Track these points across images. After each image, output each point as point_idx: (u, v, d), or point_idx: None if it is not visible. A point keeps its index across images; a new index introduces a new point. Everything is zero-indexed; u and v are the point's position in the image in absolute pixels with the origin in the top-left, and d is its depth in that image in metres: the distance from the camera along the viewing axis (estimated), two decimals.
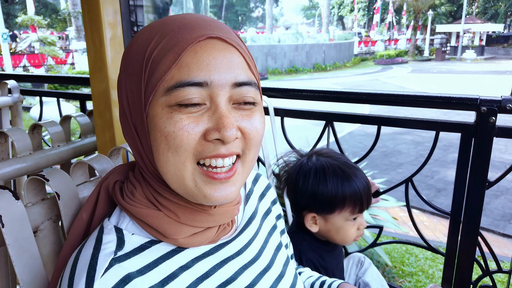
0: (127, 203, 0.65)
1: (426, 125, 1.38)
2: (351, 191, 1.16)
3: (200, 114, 0.58)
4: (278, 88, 1.60)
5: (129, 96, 0.62)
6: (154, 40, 0.60)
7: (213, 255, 0.68)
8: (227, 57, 0.60)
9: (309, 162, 1.23)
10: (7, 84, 2.06)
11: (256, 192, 0.87)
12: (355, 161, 1.60)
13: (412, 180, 1.49)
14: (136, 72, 0.61)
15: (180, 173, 0.59)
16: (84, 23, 1.05)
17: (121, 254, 0.60)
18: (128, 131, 0.65)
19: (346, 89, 1.50)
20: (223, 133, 0.57)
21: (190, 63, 0.57)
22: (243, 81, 0.61)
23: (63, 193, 0.75)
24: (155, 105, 0.58)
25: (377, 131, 1.49)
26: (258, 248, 0.77)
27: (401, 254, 3.72)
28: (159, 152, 0.59)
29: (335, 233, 1.21)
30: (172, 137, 0.57)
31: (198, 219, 0.65)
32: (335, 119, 1.53)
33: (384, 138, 8.17)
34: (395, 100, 1.42)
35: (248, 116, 0.62)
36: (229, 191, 0.61)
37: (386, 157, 6.93)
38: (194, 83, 0.57)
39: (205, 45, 0.59)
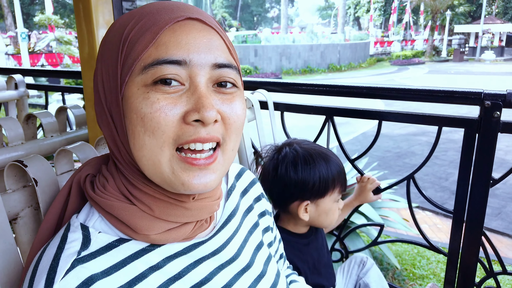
0: (97, 195, 0.61)
1: (428, 120, 1.34)
2: (338, 171, 1.18)
3: (179, 95, 0.55)
4: (277, 82, 1.57)
5: (104, 81, 0.60)
6: (132, 23, 0.58)
7: (187, 254, 0.65)
8: (206, 37, 0.58)
9: (291, 151, 1.22)
10: (14, 79, 2.09)
11: (239, 187, 0.84)
12: (355, 157, 1.57)
13: (413, 177, 1.44)
14: (112, 55, 0.58)
15: (157, 158, 0.55)
16: (77, 19, 1.05)
17: (85, 254, 0.57)
18: (103, 118, 0.62)
19: (347, 83, 1.47)
20: (202, 113, 0.54)
21: (168, 41, 0.55)
22: (223, 62, 0.58)
23: (41, 180, 0.74)
24: (131, 85, 0.56)
25: (378, 126, 1.45)
26: (237, 247, 0.73)
27: (412, 256, 3.65)
28: (135, 135, 0.56)
29: (325, 216, 1.22)
30: (148, 118, 0.54)
31: (173, 213, 0.61)
32: (336, 113, 1.50)
33: (398, 139, 8.06)
34: (397, 94, 1.38)
35: (229, 100, 0.59)
36: (209, 179, 0.57)
37: (399, 158, 6.82)
38: (172, 61, 0.55)
39: (184, 25, 0.57)
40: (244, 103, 0.64)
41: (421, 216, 4.59)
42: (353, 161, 1.52)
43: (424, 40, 32.08)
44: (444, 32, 31.97)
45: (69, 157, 0.88)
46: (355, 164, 1.52)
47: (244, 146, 1.38)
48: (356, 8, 45.67)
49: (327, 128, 1.54)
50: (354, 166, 1.51)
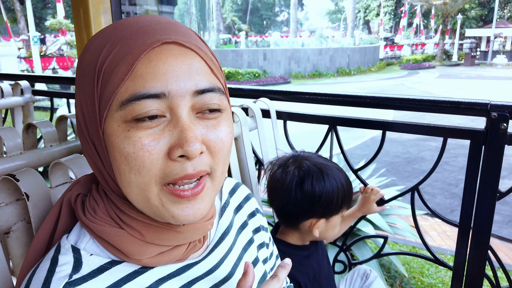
0: (88, 219, 0.60)
1: (433, 131, 1.31)
2: (348, 188, 1.17)
3: (161, 129, 0.53)
4: (280, 91, 1.56)
5: (84, 110, 0.57)
6: (106, 49, 0.55)
7: (180, 276, 0.63)
8: (185, 63, 0.55)
9: (301, 168, 1.17)
10: (20, 85, 2.11)
11: (233, 204, 0.82)
12: (359, 166, 1.54)
13: (418, 189, 1.41)
14: (88, 84, 0.56)
15: (145, 194, 0.54)
16: (76, 28, 1.04)
17: (76, 278, 0.55)
18: (87, 148, 0.59)
19: (350, 92, 1.45)
20: (186, 149, 0.52)
21: (145, 73, 0.52)
22: (205, 88, 0.55)
23: (33, 194, 0.73)
24: (110, 121, 0.53)
25: (382, 136, 1.43)
26: (231, 265, 0.72)
27: (420, 264, 3.60)
28: (120, 173, 0.54)
29: (331, 231, 1.21)
30: (132, 158, 0.52)
31: (165, 237, 0.60)
32: (339, 123, 1.47)
33: (407, 144, 7.97)
34: (401, 104, 1.35)
35: (214, 126, 0.57)
36: (197, 209, 0.56)
37: (409, 164, 6.74)
38: (150, 95, 0.52)
39: (160, 51, 0.54)
40: (231, 126, 0.61)
41: (430, 223, 4.52)
42: (357, 171, 1.50)
43: (435, 44, 31.81)
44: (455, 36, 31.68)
45: (64, 169, 0.87)
46: (358, 174, 1.50)
47: (245, 156, 1.37)
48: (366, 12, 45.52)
49: (330, 138, 1.52)
50: (357, 177, 1.49)
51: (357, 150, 7.30)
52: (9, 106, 2.05)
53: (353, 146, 7.52)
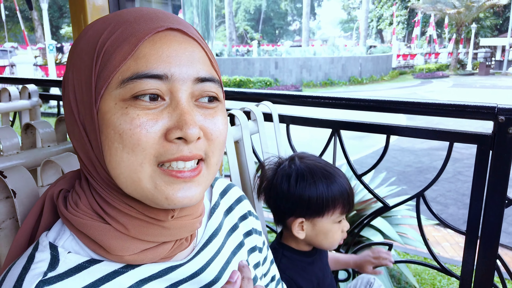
0: (69, 213, 0.58)
1: (439, 136, 1.27)
2: (340, 192, 1.13)
3: (159, 110, 0.53)
4: (283, 94, 1.54)
5: (76, 92, 0.56)
6: (107, 31, 0.55)
7: (163, 278, 0.61)
8: (188, 50, 0.55)
9: (291, 165, 1.18)
10: (27, 89, 2.13)
11: (223, 205, 0.80)
12: (362, 172, 1.50)
13: (423, 195, 1.37)
14: (85, 64, 0.55)
15: (136, 175, 0.52)
16: (72, 23, 1.04)
17: (52, 276, 0.53)
18: (74, 131, 0.58)
19: (354, 96, 1.42)
20: (185, 131, 0.51)
21: (148, 54, 0.52)
22: (205, 76, 0.56)
23: (20, 191, 0.72)
24: (107, 99, 0.53)
25: (386, 140, 1.39)
26: (218, 269, 0.69)
27: (432, 276, 3.51)
28: (111, 152, 0.52)
29: (323, 237, 1.17)
30: (128, 135, 0.51)
31: (151, 232, 0.57)
32: (342, 127, 1.45)
33: (419, 153, 7.86)
34: (406, 108, 1.32)
35: (211, 115, 0.57)
36: (194, 192, 0.55)
37: (421, 174, 6.63)
38: (152, 75, 0.52)
39: (165, 36, 0.54)
40: (226, 117, 0.61)
41: (443, 234, 4.42)
42: (360, 176, 1.46)
43: (449, 53, 31.51)
44: (469, 45, 31.37)
45: (56, 168, 0.86)
46: (362, 180, 1.46)
47: (245, 159, 1.35)
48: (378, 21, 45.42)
49: (334, 142, 1.49)
50: (361, 182, 1.46)
51: (368, 159, 7.21)
52: (16, 109, 2.08)
53: (364, 155, 7.44)
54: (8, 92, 2.10)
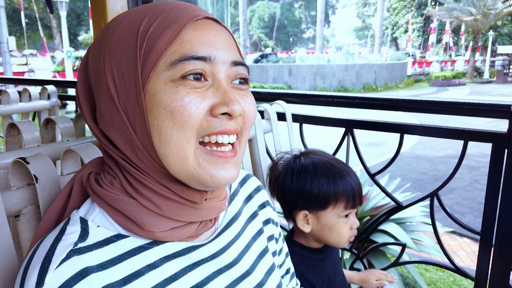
0: (105, 190, 0.61)
1: (453, 134, 1.27)
2: (344, 186, 1.14)
3: (205, 89, 0.58)
4: (296, 93, 1.55)
5: (116, 79, 0.58)
6: (146, 20, 0.58)
7: (184, 256, 0.63)
8: (224, 36, 0.61)
9: (297, 160, 1.20)
10: (47, 90, 2.19)
11: (242, 193, 0.83)
12: (375, 172, 1.50)
13: (437, 194, 1.36)
14: (127, 52, 0.57)
15: (184, 152, 0.56)
16: (94, 28, 1.08)
17: (82, 246, 0.56)
18: (113, 117, 0.59)
19: (368, 95, 1.42)
20: (231, 107, 0.57)
21: (192, 38, 0.57)
22: (238, 60, 0.62)
23: (42, 177, 0.75)
24: (156, 81, 0.56)
25: (400, 139, 1.39)
26: (238, 252, 0.72)
27: (448, 285, 3.45)
28: (161, 131, 0.56)
29: (329, 232, 1.17)
30: (179, 111, 0.55)
31: (183, 213, 0.61)
32: (355, 126, 1.45)
33: (435, 161, 7.75)
34: (420, 107, 1.32)
35: (245, 96, 0.63)
36: (233, 172, 0.60)
37: (436, 182, 6.53)
38: (199, 57, 0.57)
39: (204, 23, 0.60)
40: (254, 99, 0.67)
41: (459, 243, 4.35)
42: (373, 175, 1.46)
43: (465, 61, 31.10)
44: (486, 53, 30.92)
45: (76, 158, 0.89)
46: (375, 179, 1.46)
47: (259, 158, 1.36)
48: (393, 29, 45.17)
49: (347, 141, 1.50)
50: (375, 181, 1.45)
51: (382, 166, 7.14)
52: (36, 109, 2.14)
53: (379, 161, 7.38)
54: (28, 92, 2.17)
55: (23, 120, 1.09)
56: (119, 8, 1.10)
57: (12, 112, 2.08)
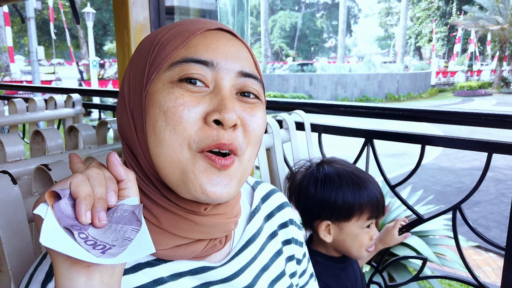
0: None
1: (476, 146, 1.23)
2: (368, 197, 1.12)
3: (202, 95, 0.56)
4: (316, 103, 1.54)
5: (130, 84, 0.61)
6: (164, 31, 0.62)
7: (196, 276, 0.62)
8: (235, 46, 0.60)
9: (320, 169, 1.19)
10: (72, 98, 2.25)
11: (264, 210, 0.79)
12: (395, 184, 1.47)
13: (460, 208, 1.32)
14: (142, 58, 0.61)
15: (176, 155, 0.54)
16: (117, 47, 1.12)
17: None
18: (123, 118, 0.61)
19: (389, 105, 1.40)
20: (223, 114, 0.53)
21: (198, 44, 0.57)
22: (249, 72, 0.59)
23: None
24: (156, 82, 0.57)
25: (421, 150, 1.36)
26: (253, 276, 0.68)
27: None
28: (155, 131, 0.55)
29: (351, 242, 1.16)
30: (171, 112, 0.54)
31: (182, 227, 0.58)
32: (375, 136, 1.43)
33: (460, 173, 7.55)
34: (443, 117, 1.29)
35: (250, 109, 0.59)
36: (226, 188, 0.55)
37: (461, 194, 6.35)
38: (199, 60, 0.56)
39: (215, 33, 0.60)
40: (265, 117, 0.63)
41: (484, 258, 4.20)
42: (394, 187, 1.43)
43: (492, 71, 30.34)
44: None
45: None
46: (396, 191, 1.43)
47: (277, 167, 1.36)
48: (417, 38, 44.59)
49: (366, 152, 1.47)
50: (394, 193, 1.43)
51: None
52: (61, 116, 2.20)
53: (400, 173, 7.24)
54: (54, 100, 2.23)
55: (47, 127, 1.12)
56: (141, 19, 1.12)
57: (38, 120, 2.15)
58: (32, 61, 12.03)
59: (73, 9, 2.47)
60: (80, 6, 26.35)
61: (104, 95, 2.68)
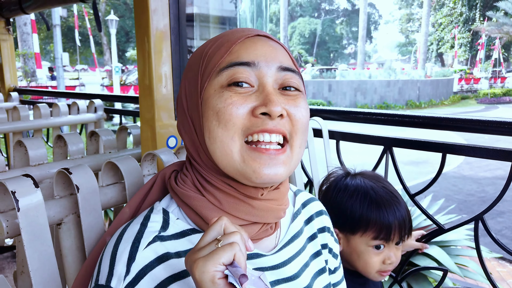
0: (179, 187, 0.69)
1: (499, 155, 1.20)
2: (377, 216, 1.09)
3: (249, 94, 0.64)
4: (334, 110, 1.53)
5: (187, 93, 0.70)
6: (210, 44, 0.70)
7: (250, 260, 0.68)
8: (273, 46, 0.68)
9: (348, 178, 1.19)
10: (94, 103, 2.31)
11: (304, 215, 0.86)
12: (415, 192, 1.44)
13: (483, 218, 1.28)
14: (194, 69, 0.69)
15: (228, 148, 0.62)
16: (138, 55, 1.14)
17: (163, 235, 0.64)
18: (185, 125, 0.71)
19: (408, 112, 1.38)
20: (269, 107, 0.61)
21: (239, 50, 0.65)
22: (288, 66, 0.67)
23: (83, 188, 0.78)
24: (209, 89, 0.65)
25: (442, 159, 1.33)
26: (298, 268, 0.75)
27: None
28: (210, 130, 0.63)
29: (356, 257, 1.14)
30: (222, 112, 0.62)
31: (241, 209, 0.66)
32: (395, 144, 1.41)
33: (483, 182, 7.35)
34: (464, 125, 1.26)
35: (293, 100, 0.66)
36: (278, 170, 0.63)
37: (484, 204, 6.18)
38: (242, 63, 0.64)
39: (254, 39, 0.67)
40: (307, 106, 0.70)
41: (508, 270, 4.07)
42: (413, 196, 1.41)
43: None
44: None
45: (115, 170, 0.92)
46: (415, 200, 1.40)
47: (293, 174, 1.35)
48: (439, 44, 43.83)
49: (385, 160, 1.45)
50: (414, 202, 1.40)
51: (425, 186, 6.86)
52: (83, 121, 2.25)
53: (421, 181, 7.11)
54: (77, 106, 2.29)
55: (69, 132, 1.15)
56: (162, 26, 1.14)
57: (61, 124, 2.20)
58: (57, 67, 12.36)
59: (96, 17, 2.54)
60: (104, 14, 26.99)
61: (125, 101, 2.73)
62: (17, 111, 2.16)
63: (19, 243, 1.14)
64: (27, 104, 3.09)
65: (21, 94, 3.06)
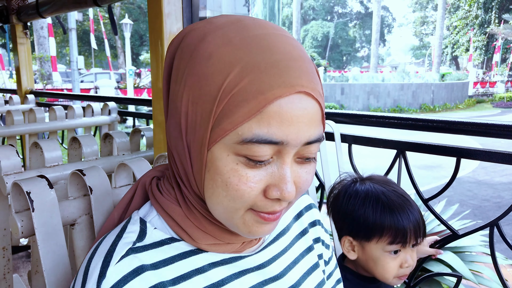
0: (162, 196, 0.66)
1: None
2: (392, 221, 1.07)
3: (264, 169, 0.56)
4: (346, 113, 1.53)
5: (189, 118, 0.57)
6: (235, 73, 0.53)
7: (231, 264, 0.66)
8: (309, 114, 0.55)
9: (357, 184, 1.17)
10: (108, 106, 2.34)
11: (292, 211, 0.83)
12: (429, 197, 1.42)
13: (498, 224, 1.26)
14: (205, 99, 0.55)
15: (230, 215, 0.59)
16: (152, 58, 1.15)
17: (139, 245, 0.61)
18: (178, 145, 0.61)
19: (422, 116, 1.37)
20: (283, 195, 0.56)
21: (272, 118, 0.52)
22: (314, 139, 0.57)
23: (96, 189, 0.79)
24: (221, 147, 0.54)
25: (456, 164, 1.31)
26: (284, 266, 0.73)
27: None
28: (214, 193, 0.57)
29: (373, 264, 1.12)
30: (234, 189, 0.55)
31: (226, 236, 0.65)
32: (408, 148, 1.39)
33: (499, 187, 7.22)
34: (479, 130, 1.24)
35: (305, 168, 0.60)
36: (272, 227, 0.62)
37: (500, 209, 6.05)
38: (271, 141, 0.53)
39: (292, 99, 0.53)
40: (315, 164, 0.65)
41: None
42: (427, 201, 1.39)
43: None
44: None
45: (128, 171, 0.93)
46: (429, 204, 1.38)
47: None
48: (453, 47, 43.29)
49: (398, 164, 1.44)
50: (427, 207, 1.38)
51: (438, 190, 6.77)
52: (97, 123, 2.28)
53: (435, 185, 7.01)
54: (91, 108, 2.32)
55: (84, 134, 1.17)
56: (175, 30, 1.15)
57: (76, 126, 2.24)
58: (72, 70, 12.57)
59: (111, 21, 2.57)
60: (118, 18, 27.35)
61: (139, 104, 2.76)
62: (33, 113, 2.20)
63: (33, 243, 1.17)
64: (43, 106, 3.15)
65: (37, 96, 3.12)
